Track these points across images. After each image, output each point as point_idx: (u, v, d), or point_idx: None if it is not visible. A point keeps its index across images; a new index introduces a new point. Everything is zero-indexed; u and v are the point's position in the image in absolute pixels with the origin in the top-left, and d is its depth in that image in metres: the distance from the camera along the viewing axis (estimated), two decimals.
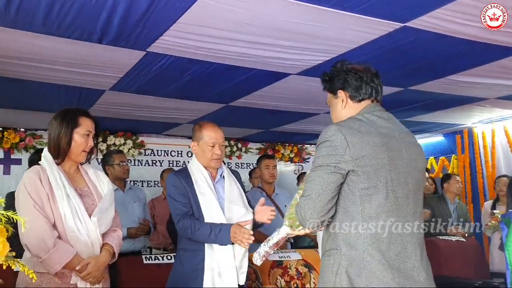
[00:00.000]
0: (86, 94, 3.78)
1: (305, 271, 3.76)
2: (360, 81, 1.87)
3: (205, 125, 2.67)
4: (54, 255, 2.06)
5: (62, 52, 2.85)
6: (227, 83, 3.51)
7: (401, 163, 1.71)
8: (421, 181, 1.78)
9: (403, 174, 1.70)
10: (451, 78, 3.52)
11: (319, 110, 4.58)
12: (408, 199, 1.71)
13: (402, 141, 1.74)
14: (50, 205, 2.15)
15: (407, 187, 1.71)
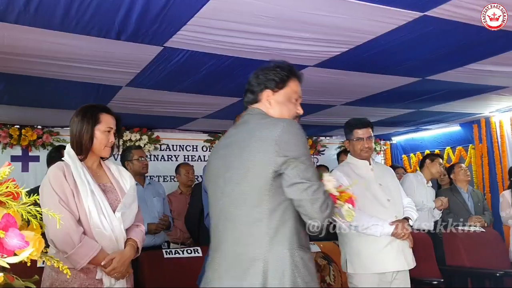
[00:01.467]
0: (103, 90, 3.80)
1: (324, 263, 3.77)
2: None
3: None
4: (80, 251, 2.08)
5: (80, 49, 2.87)
6: (244, 76, 3.46)
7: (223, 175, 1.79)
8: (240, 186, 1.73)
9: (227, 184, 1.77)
10: (469, 67, 3.48)
11: (336, 102, 4.57)
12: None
13: (230, 147, 1.80)
14: (75, 201, 2.17)
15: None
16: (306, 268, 1.68)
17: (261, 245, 1.68)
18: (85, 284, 2.15)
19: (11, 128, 4.94)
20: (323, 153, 6.71)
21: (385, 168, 3.42)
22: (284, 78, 1.88)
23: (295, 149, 1.68)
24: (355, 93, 4.23)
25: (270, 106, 1.87)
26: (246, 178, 1.73)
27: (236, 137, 1.82)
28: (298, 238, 1.70)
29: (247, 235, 1.72)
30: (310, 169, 1.69)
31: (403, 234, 2.91)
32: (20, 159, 4.90)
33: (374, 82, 3.81)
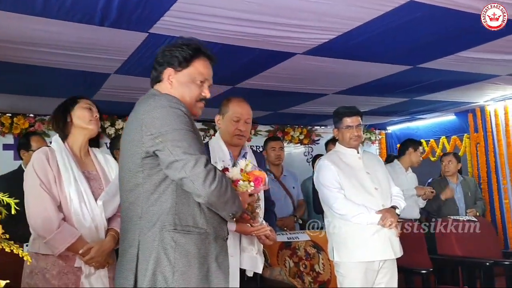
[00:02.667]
0: (92, 78, 3.77)
1: (314, 252, 3.76)
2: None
3: (232, 99, 2.63)
4: (58, 236, 2.08)
5: (64, 36, 2.83)
6: (232, 64, 3.47)
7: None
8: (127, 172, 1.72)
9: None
10: (461, 54, 3.44)
11: (327, 91, 4.53)
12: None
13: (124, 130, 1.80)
14: (57, 186, 2.17)
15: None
16: (179, 251, 1.60)
17: (135, 228, 1.65)
18: (64, 271, 2.16)
19: (3, 117, 4.92)
20: (318, 143, 6.68)
21: (374, 156, 3.40)
22: (188, 57, 1.78)
23: (162, 125, 1.60)
24: (346, 82, 4.20)
25: (170, 86, 1.78)
26: (125, 162, 1.71)
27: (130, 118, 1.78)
28: (177, 219, 1.63)
29: (126, 218, 1.71)
30: (183, 145, 1.59)
31: (390, 223, 2.90)
32: (12, 147, 4.87)
33: (365, 70, 3.77)
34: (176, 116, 1.63)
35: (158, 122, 1.61)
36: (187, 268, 1.60)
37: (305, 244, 3.77)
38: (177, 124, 1.62)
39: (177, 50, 1.78)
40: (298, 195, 4.45)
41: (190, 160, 1.57)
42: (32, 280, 2.14)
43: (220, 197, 1.62)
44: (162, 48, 1.84)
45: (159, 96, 1.70)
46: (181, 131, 1.61)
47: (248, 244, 2.46)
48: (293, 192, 4.37)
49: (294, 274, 3.60)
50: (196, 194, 1.60)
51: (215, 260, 1.69)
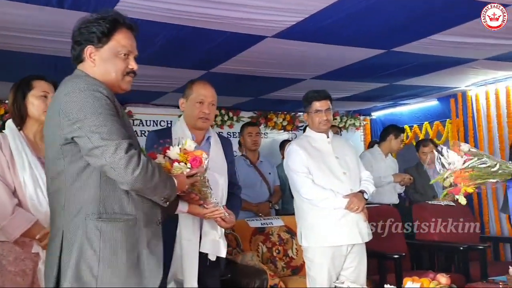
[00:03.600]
0: (63, 62, 3.67)
1: (287, 237, 3.76)
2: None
3: (196, 82, 2.60)
4: (13, 222, 2.06)
5: (28, 19, 2.79)
6: (202, 47, 3.42)
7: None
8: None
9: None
10: (434, 38, 3.39)
11: (305, 75, 4.49)
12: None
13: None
14: (11, 172, 2.14)
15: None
16: (105, 240, 1.54)
17: (59, 217, 1.60)
18: (20, 257, 2.13)
19: None
20: (302, 129, 6.64)
21: (344, 141, 3.37)
22: (107, 31, 1.68)
23: (80, 110, 1.52)
24: (322, 66, 4.15)
25: (93, 64, 1.68)
26: (47, 149, 1.66)
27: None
28: (101, 207, 1.57)
29: (51, 208, 1.66)
30: (102, 130, 1.51)
31: (356, 208, 2.89)
32: None
33: (338, 54, 3.73)
34: (95, 99, 1.55)
35: (76, 107, 1.53)
36: (114, 256, 1.55)
37: (278, 229, 3.77)
38: (96, 108, 1.54)
39: (94, 26, 1.67)
40: (274, 181, 4.43)
41: (110, 146, 1.50)
42: None
43: (147, 182, 1.56)
44: (77, 26, 1.71)
45: (79, 79, 1.63)
46: (100, 115, 1.53)
47: (210, 228, 2.43)
48: (269, 178, 4.34)
49: (267, 259, 3.60)
50: (119, 181, 1.55)
51: (147, 246, 1.64)
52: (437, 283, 2.46)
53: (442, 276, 2.49)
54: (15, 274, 2.11)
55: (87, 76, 1.65)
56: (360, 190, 2.97)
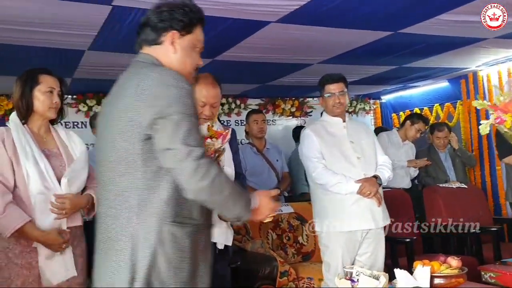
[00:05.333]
0: (67, 55, 3.71)
1: (297, 224, 3.74)
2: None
3: (200, 80, 2.43)
4: (3, 221, 2.05)
5: (30, 12, 2.78)
6: (206, 35, 3.37)
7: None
8: (109, 149, 1.54)
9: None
10: (441, 18, 3.31)
11: (311, 60, 4.44)
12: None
13: (108, 105, 1.60)
14: (14, 167, 2.13)
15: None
16: (175, 245, 1.47)
17: (128, 216, 1.47)
18: (26, 250, 2.15)
19: None
20: (311, 115, 6.61)
21: (361, 125, 3.33)
22: (193, 22, 1.63)
23: (165, 105, 1.43)
24: (329, 50, 4.10)
25: (174, 50, 1.60)
26: (116, 141, 1.49)
27: (114, 91, 1.59)
28: (174, 211, 1.48)
29: (115, 206, 1.50)
30: (181, 133, 1.42)
31: (368, 193, 2.86)
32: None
33: (345, 37, 3.67)
34: (182, 97, 1.45)
35: (163, 102, 1.43)
36: (181, 263, 1.49)
37: (288, 216, 3.75)
38: (181, 107, 1.44)
39: (179, 12, 1.60)
40: (282, 167, 4.41)
41: (183, 151, 1.42)
42: None
43: (213, 194, 1.47)
44: (156, 9, 1.62)
45: (163, 70, 1.51)
46: (184, 116, 1.44)
47: (218, 218, 2.44)
48: (277, 165, 4.32)
49: (277, 246, 3.59)
50: (184, 188, 1.46)
51: (203, 253, 1.59)
52: (448, 265, 2.44)
53: (453, 259, 2.47)
54: (21, 267, 2.12)
55: (171, 70, 1.55)
56: (374, 175, 2.93)
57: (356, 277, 2.28)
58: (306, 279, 3.20)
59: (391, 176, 3.07)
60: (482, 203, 4.50)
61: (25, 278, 2.13)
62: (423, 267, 2.31)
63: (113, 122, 1.52)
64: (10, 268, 2.12)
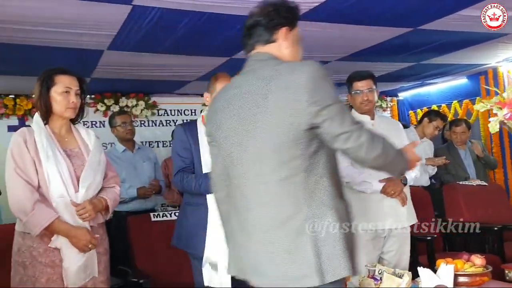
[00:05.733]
0: (86, 55, 3.74)
1: None
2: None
3: (219, 77, 2.61)
4: (32, 219, 2.07)
5: (49, 12, 2.80)
6: (223, 34, 3.39)
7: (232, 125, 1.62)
8: (268, 146, 1.54)
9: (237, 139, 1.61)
10: (461, 13, 3.27)
11: (329, 58, 4.41)
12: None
13: (242, 98, 1.59)
14: (36, 167, 2.15)
15: (243, 155, 1.60)
16: (336, 232, 1.52)
17: (300, 205, 1.51)
18: (50, 248, 2.16)
19: (5, 98, 4.96)
20: None
21: (391, 122, 3.28)
22: (296, 16, 1.71)
23: (327, 95, 1.50)
24: (346, 48, 4.07)
25: (286, 46, 1.67)
26: (273, 132, 1.52)
27: (248, 87, 1.59)
28: (337, 190, 1.58)
29: (283, 196, 1.53)
30: (346, 115, 1.53)
31: (392, 192, 2.84)
32: (16, 128, 4.85)
33: (363, 34, 3.64)
34: (332, 87, 1.54)
35: (324, 94, 1.50)
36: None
37: None
38: (336, 95, 1.54)
39: (284, 9, 1.68)
40: None
41: (355, 131, 1.52)
42: (20, 257, 2.15)
43: (386, 157, 1.59)
44: (264, 8, 1.68)
45: (306, 64, 1.55)
46: (339, 101, 1.55)
47: None
48: None
49: None
50: (363, 161, 1.57)
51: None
52: (472, 264, 2.41)
53: (477, 257, 2.44)
54: (45, 265, 2.15)
55: (313, 62, 1.58)
56: None
57: (379, 275, 2.26)
58: None
59: (418, 176, 3.03)
60: (503, 201, 4.44)
61: (49, 276, 2.15)
62: (447, 265, 2.29)
63: (264, 116, 1.54)
64: (35, 267, 2.14)
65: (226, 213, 1.76)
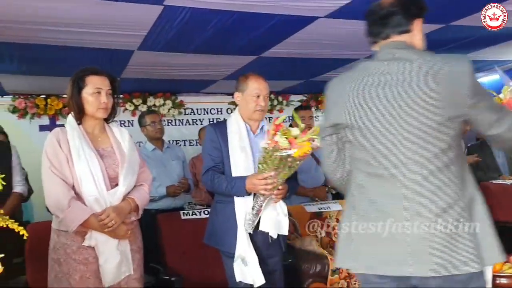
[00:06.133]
0: (117, 55, 3.78)
1: None
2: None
3: (250, 76, 2.68)
4: (69, 216, 2.11)
5: (81, 13, 2.84)
6: (253, 32, 3.38)
7: (385, 111, 1.59)
8: (422, 132, 1.56)
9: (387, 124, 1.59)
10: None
11: (358, 55, 4.35)
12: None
13: (394, 85, 1.58)
14: (69, 166, 2.18)
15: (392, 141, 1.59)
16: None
17: (458, 194, 1.55)
18: (83, 246, 2.19)
19: (37, 98, 5.06)
20: None
21: None
22: (425, 8, 1.73)
23: (481, 88, 1.61)
24: None
25: (420, 37, 1.71)
26: (429, 121, 1.55)
27: (399, 75, 1.58)
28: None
29: (441, 185, 1.55)
30: (492, 101, 1.65)
31: None
32: (48, 128, 5.02)
33: None
34: (477, 78, 1.63)
35: (479, 87, 1.59)
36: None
37: (337, 213, 3.70)
38: (481, 84, 1.64)
39: (418, 1, 1.73)
40: None
41: (505, 114, 1.61)
42: (55, 254, 2.20)
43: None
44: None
45: (466, 59, 1.61)
46: (485, 88, 1.67)
47: (270, 207, 2.53)
48: None
49: (326, 244, 3.55)
50: (507, 139, 1.65)
51: None
52: (511, 265, 2.35)
53: None
54: (79, 263, 2.18)
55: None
56: None
57: None
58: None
59: None
60: None
61: (82, 273, 2.19)
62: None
63: (423, 104, 1.55)
64: (69, 264, 2.18)
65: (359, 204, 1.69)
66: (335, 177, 1.81)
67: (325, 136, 1.76)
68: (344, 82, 1.71)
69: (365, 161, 1.66)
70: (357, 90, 1.64)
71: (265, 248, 2.55)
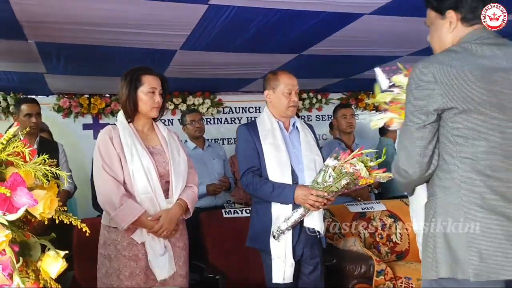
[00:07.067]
0: (160, 55, 3.82)
1: (390, 222, 3.63)
2: (478, 1, 1.63)
3: (280, 73, 2.70)
4: (120, 213, 2.14)
5: (126, 14, 2.88)
6: (296, 30, 3.36)
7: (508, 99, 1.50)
8: None
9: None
10: None
11: (401, 52, 4.26)
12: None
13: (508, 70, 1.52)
14: (121, 164, 2.21)
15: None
16: None
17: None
18: (133, 242, 2.24)
19: (81, 98, 5.18)
20: None
21: None
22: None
23: None
24: (419, 42, 3.90)
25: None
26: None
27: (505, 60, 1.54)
28: None
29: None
30: None
31: None
32: (91, 127, 5.14)
33: None
34: None
35: None
36: None
37: (380, 214, 3.65)
38: None
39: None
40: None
41: None
42: (105, 250, 2.24)
43: None
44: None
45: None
46: None
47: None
48: None
49: (369, 244, 3.50)
50: None
51: None
52: None
53: None
54: (128, 259, 2.22)
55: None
56: None
57: None
58: (403, 278, 3.09)
59: None
60: None
61: (132, 270, 2.22)
62: None
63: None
64: (119, 260, 2.22)
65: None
66: (422, 174, 1.55)
67: (427, 125, 1.53)
68: (454, 63, 1.55)
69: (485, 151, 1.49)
70: (458, 78, 1.51)
71: (307, 247, 2.54)
